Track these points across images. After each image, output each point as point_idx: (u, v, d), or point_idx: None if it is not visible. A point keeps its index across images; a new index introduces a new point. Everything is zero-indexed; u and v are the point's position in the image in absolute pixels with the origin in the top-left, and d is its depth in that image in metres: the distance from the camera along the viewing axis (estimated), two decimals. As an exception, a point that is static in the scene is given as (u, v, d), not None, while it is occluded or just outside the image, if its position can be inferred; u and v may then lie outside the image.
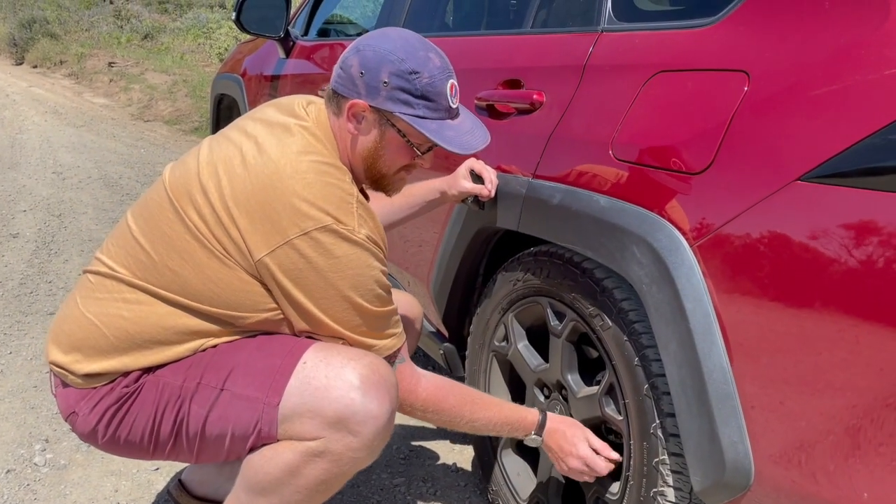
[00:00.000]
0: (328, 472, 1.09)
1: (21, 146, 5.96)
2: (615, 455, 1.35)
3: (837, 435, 0.97)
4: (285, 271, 1.08)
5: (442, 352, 1.87)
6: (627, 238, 1.20)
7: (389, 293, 1.19)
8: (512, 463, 1.65)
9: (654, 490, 1.23)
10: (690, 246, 1.11)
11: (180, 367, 1.12)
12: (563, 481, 1.51)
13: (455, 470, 1.87)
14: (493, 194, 1.49)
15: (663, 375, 1.20)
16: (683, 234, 1.13)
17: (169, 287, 1.12)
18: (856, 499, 0.96)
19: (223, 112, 3.72)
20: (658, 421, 1.22)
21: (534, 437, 1.39)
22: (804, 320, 0.98)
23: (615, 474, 1.37)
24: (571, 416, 1.45)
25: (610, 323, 1.30)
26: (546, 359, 1.52)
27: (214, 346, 1.14)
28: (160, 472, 1.78)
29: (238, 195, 1.09)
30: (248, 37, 3.27)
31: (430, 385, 1.26)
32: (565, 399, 1.48)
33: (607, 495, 1.37)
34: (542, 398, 1.55)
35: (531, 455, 1.62)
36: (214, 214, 1.09)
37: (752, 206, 1.04)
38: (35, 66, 12.12)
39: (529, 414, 1.38)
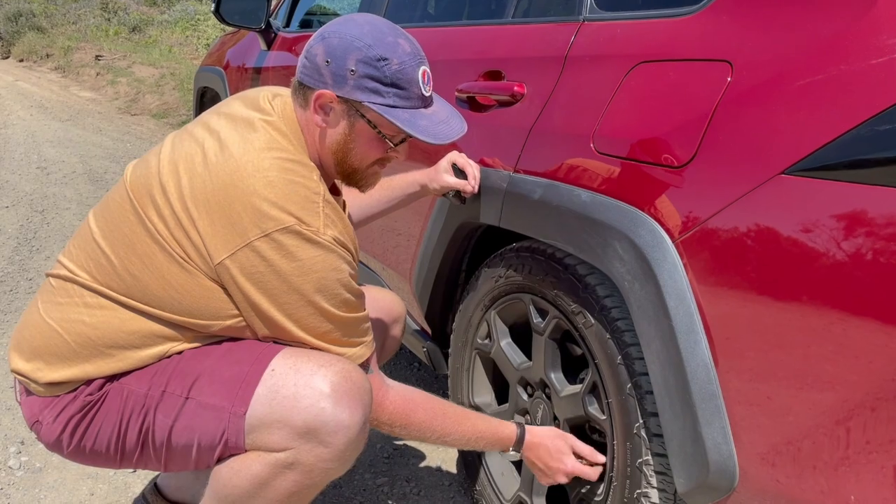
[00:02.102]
0: (299, 483, 1.05)
1: (5, 141, 5.88)
2: (602, 458, 1.32)
3: (823, 435, 0.95)
4: (247, 275, 1.04)
5: (425, 350, 1.84)
6: (609, 234, 1.17)
7: (360, 298, 1.15)
8: (496, 463, 1.62)
9: (638, 491, 1.20)
10: (673, 241, 1.08)
11: (145, 375, 1.08)
12: (548, 481, 1.48)
13: (439, 470, 1.85)
14: (476, 190, 1.46)
15: (646, 374, 1.17)
16: (666, 229, 1.09)
17: (129, 293, 1.08)
18: (842, 501, 0.94)
19: (206, 106, 3.66)
20: (641, 421, 1.19)
21: (512, 452, 1.36)
22: (789, 317, 0.95)
23: (599, 475, 1.34)
24: (555, 415, 1.42)
25: (592, 320, 1.27)
26: (529, 356, 1.49)
27: (180, 353, 1.10)
28: (137, 475, 1.74)
29: (198, 195, 1.05)
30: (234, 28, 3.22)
31: (398, 398, 1.21)
32: (549, 397, 1.45)
33: (591, 497, 1.34)
34: (525, 397, 1.52)
35: (515, 454, 1.59)
36: (174, 215, 1.05)
37: (736, 200, 1.01)
38: (21, 60, 12.00)
39: (506, 429, 1.33)
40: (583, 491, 1.36)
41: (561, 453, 1.33)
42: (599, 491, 1.32)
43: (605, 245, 1.18)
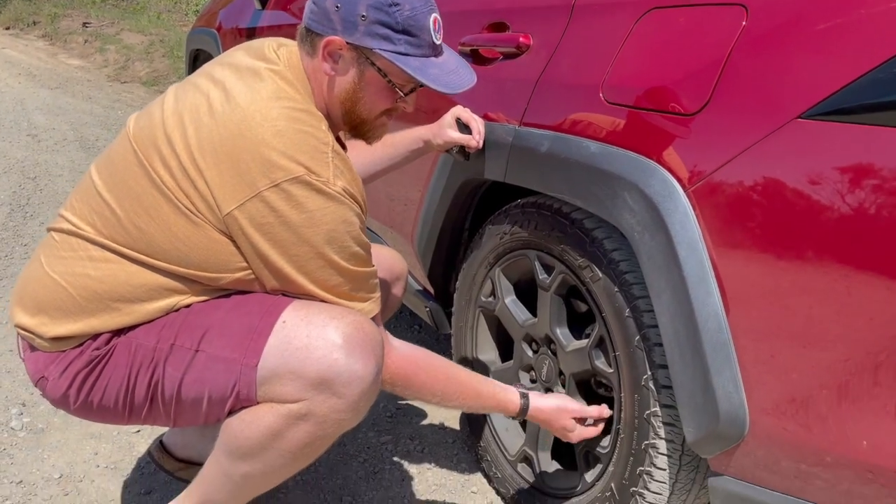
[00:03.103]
0: (312, 434, 1.05)
1: (-7, 109, 5.78)
2: (608, 412, 1.32)
3: (836, 382, 0.94)
4: (256, 226, 1.02)
5: (428, 309, 1.83)
6: (619, 185, 1.15)
7: (369, 253, 1.13)
8: (500, 418, 1.63)
9: (646, 442, 1.20)
10: (685, 191, 1.07)
11: (153, 329, 1.07)
12: (553, 435, 1.49)
13: (442, 427, 1.85)
14: (480, 145, 1.43)
15: (655, 326, 1.16)
16: (678, 178, 1.08)
17: (135, 246, 1.06)
18: (855, 446, 0.94)
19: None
20: (650, 373, 1.18)
21: (514, 419, 1.36)
22: (805, 266, 0.95)
23: (606, 427, 1.35)
24: (561, 370, 1.42)
25: (600, 274, 1.26)
26: (534, 313, 1.48)
27: (188, 306, 1.08)
28: (141, 435, 1.74)
29: (205, 145, 1.02)
30: (224, -11, 3.15)
31: (400, 357, 1.20)
32: (554, 354, 1.45)
33: (598, 449, 1.34)
34: (530, 353, 1.52)
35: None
36: (181, 167, 1.03)
37: (750, 146, 0.99)
38: (8, 28, 11.77)
39: (511, 397, 1.31)
40: (588, 444, 1.37)
41: (565, 429, 1.32)
42: (605, 443, 1.33)
43: (615, 196, 1.17)
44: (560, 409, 1.33)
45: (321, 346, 1.02)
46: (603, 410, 1.33)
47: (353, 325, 1.05)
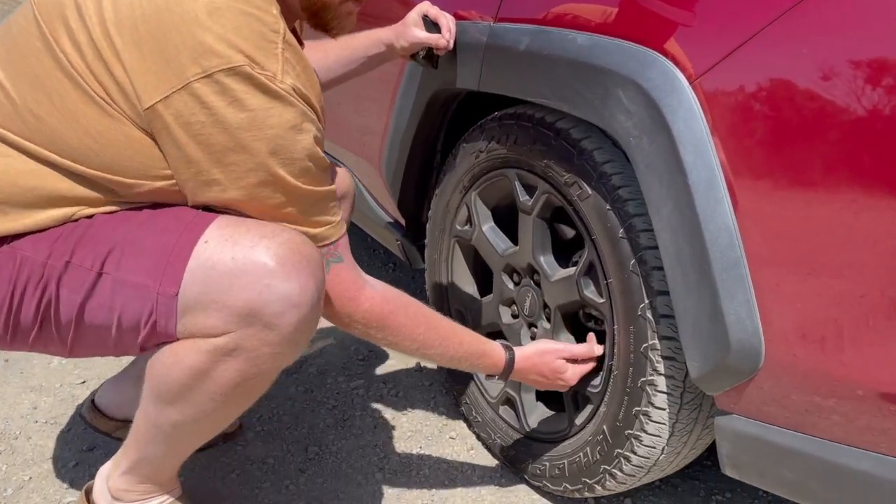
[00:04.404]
0: (243, 373, 0.90)
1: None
2: (599, 349, 1.18)
3: (866, 305, 0.80)
4: (183, 126, 0.84)
5: (399, 243, 1.67)
6: (612, 81, 0.98)
7: (326, 171, 0.96)
8: (480, 359, 1.48)
9: (643, 379, 1.06)
10: (690, 83, 0.90)
11: (43, 240, 0.89)
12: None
13: (418, 370, 1.71)
14: (451, 45, 1.25)
15: (654, 248, 1.01)
16: (682, 69, 0.91)
17: (34, 138, 0.87)
18: (879, 377, 0.80)
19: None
20: (647, 301, 1.04)
21: (499, 379, 1.20)
22: (836, 169, 0.79)
23: (597, 365, 1.21)
24: (545, 302, 1.27)
25: (589, 191, 1.10)
26: (515, 241, 1.33)
27: (90, 217, 0.91)
28: (87, 386, 1.59)
29: (123, 20, 0.83)
30: None
31: (376, 295, 1.04)
32: (538, 285, 1.29)
33: (588, 388, 1.20)
34: (511, 286, 1.36)
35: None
36: (92, 44, 0.84)
37: (770, 23, 0.82)
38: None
39: (495, 350, 1.16)
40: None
41: (556, 372, 1.18)
42: (597, 382, 1.19)
43: (607, 96, 0.99)
44: (544, 351, 1.18)
45: (249, 271, 0.86)
46: (593, 347, 1.18)
47: (287, 244, 0.88)
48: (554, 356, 1.18)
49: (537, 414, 1.35)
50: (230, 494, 1.30)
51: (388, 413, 1.55)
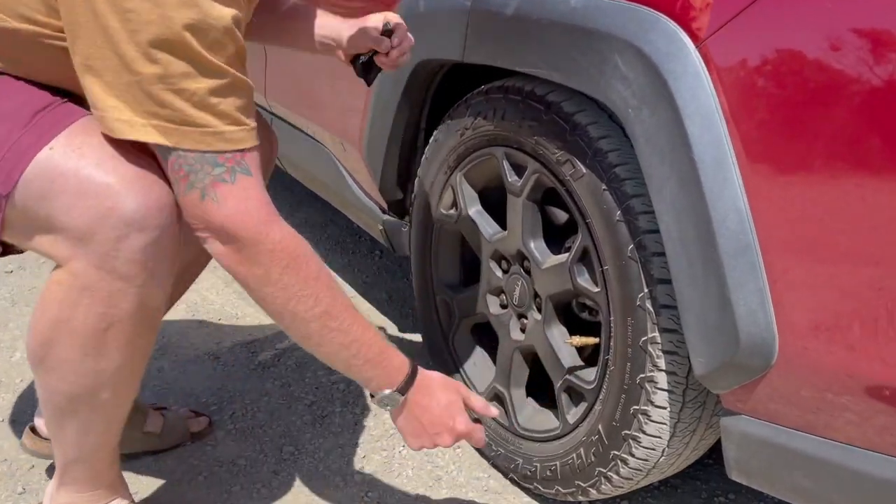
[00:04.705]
0: (106, 316, 0.82)
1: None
2: (494, 412, 1.06)
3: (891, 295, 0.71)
4: None
5: (382, 228, 1.57)
6: (608, 46, 0.89)
7: (243, 63, 0.83)
8: (466, 350, 1.39)
9: (642, 376, 0.97)
10: (697, 46, 0.81)
11: None
12: (528, 370, 1.26)
13: (403, 363, 1.62)
14: (396, 62, 1.11)
15: (655, 231, 0.91)
16: (688, 30, 0.82)
17: None
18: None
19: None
20: (646, 290, 0.95)
21: (392, 394, 0.96)
22: (861, 143, 0.70)
23: (591, 359, 1.12)
24: (536, 291, 1.18)
25: (584, 169, 1.00)
26: (504, 226, 1.23)
27: None
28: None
29: None
30: None
31: (287, 231, 0.87)
32: (528, 272, 1.20)
33: (581, 384, 1.11)
34: (499, 273, 1.27)
35: (489, 343, 1.36)
36: None
37: (790, -25, 0.73)
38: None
39: (398, 355, 0.98)
40: (570, 379, 1.14)
41: (454, 407, 0.99)
42: (591, 378, 1.10)
43: (603, 63, 0.90)
44: (448, 381, 1.02)
45: (89, 191, 0.79)
46: (489, 409, 1.03)
47: (136, 165, 0.81)
48: (456, 392, 1.01)
49: (527, 412, 1.27)
50: (197, 499, 1.21)
51: (370, 410, 1.46)
